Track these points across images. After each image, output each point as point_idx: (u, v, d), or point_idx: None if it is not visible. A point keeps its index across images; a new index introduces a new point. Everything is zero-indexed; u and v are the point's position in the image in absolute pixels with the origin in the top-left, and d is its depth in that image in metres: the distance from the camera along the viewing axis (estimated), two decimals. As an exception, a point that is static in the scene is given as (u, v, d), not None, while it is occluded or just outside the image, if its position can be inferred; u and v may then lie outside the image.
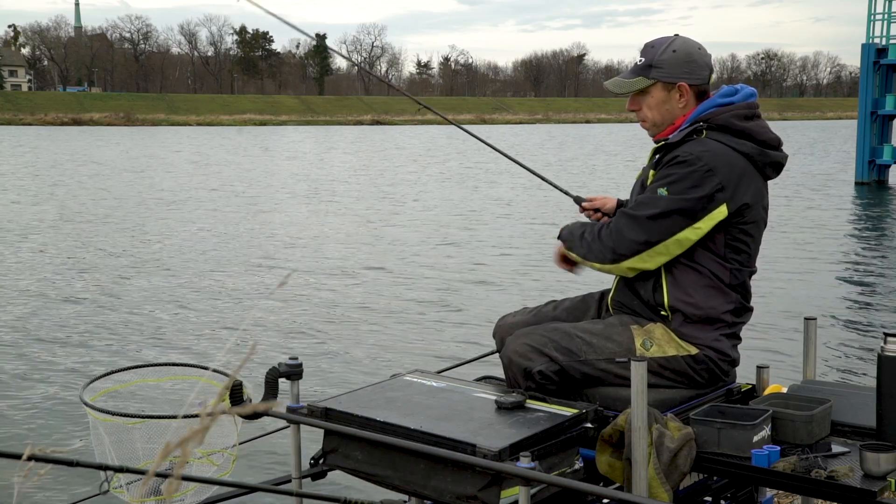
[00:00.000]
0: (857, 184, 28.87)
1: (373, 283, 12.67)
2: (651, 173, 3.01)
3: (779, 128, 3.10)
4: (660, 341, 2.96)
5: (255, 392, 3.12)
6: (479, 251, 15.46)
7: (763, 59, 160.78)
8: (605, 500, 2.86)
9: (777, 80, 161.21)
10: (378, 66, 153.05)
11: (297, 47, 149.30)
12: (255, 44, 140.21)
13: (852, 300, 12.03)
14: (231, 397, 2.90)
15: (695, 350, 2.96)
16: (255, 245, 16.12)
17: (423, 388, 3.11)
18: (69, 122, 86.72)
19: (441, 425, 2.72)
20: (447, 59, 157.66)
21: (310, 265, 14.09)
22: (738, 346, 3.08)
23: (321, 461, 2.93)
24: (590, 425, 2.82)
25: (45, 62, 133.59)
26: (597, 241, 3.01)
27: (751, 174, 2.95)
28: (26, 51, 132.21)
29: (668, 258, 2.94)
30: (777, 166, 3.03)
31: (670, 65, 3.00)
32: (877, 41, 29.72)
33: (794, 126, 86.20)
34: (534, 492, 2.64)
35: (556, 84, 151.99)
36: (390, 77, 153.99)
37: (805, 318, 3.36)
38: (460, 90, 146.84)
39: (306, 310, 11.01)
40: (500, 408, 2.84)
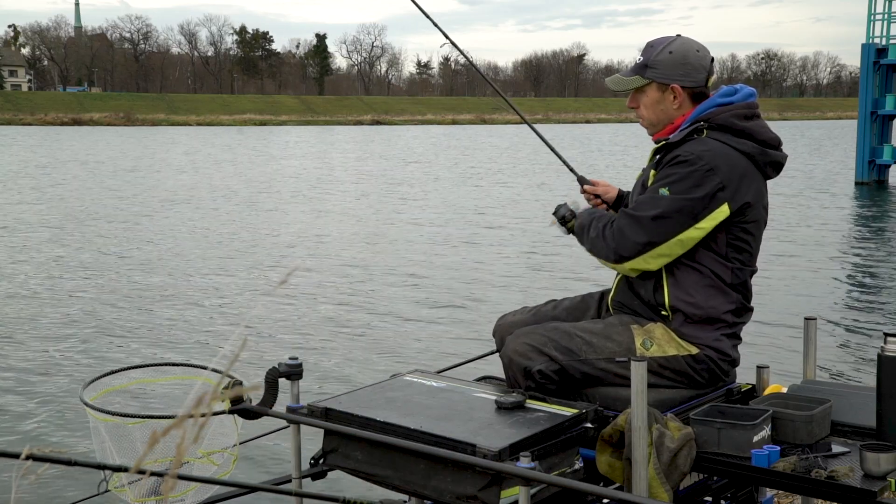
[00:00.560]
0: (857, 184, 28.87)
1: (373, 283, 12.67)
2: (652, 173, 3.01)
3: (779, 128, 3.10)
4: (660, 341, 2.96)
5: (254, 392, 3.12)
6: (479, 251, 15.45)
7: (763, 59, 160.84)
8: (605, 500, 2.86)
9: (777, 80, 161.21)
10: (378, 66, 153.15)
11: (297, 47, 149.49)
12: (255, 44, 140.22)
13: (852, 300, 12.03)
14: (231, 398, 2.90)
15: (695, 350, 2.96)
16: (255, 244, 16.12)
17: (423, 388, 3.11)
18: (69, 122, 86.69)
19: (441, 425, 2.72)
20: (447, 59, 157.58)
21: (310, 265, 14.09)
22: (739, 346, 3.08)
23: (321, 461, 2.92)
24: (590, 425, 2.82)
25: (45, 62, 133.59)
26: (600, 238, 3.01)
27: (752, 173, 2.95)
28: (26, 51, 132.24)
29: (671, 258, 2.94)
30: (777, 166, 3.04)
31: (665, 66, 3.01)
32: (877, 41, 29.72)
33: (794, 126, 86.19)
34: (534, 492, 2.64)
35: (556, 84, 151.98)
36: (390, 77, 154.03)
37: (805, 318, 3.36)
38: (460, 90, 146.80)
39: (307, 309, 11.01)
40: (500, 408, 2.84)
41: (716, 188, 2.86)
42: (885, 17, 29.76)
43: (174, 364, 3.38)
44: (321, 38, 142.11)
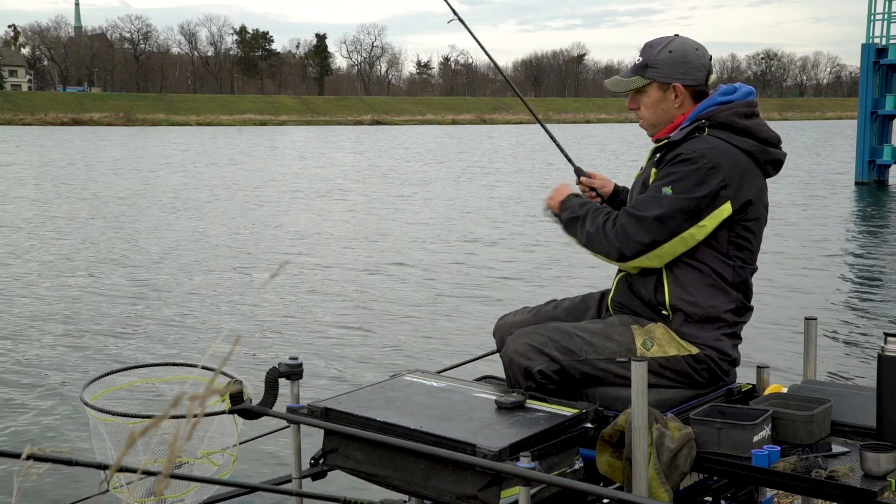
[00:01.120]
0: (857, 184, 28.87)
1: (373, 283, 12.67)
2: (653, 171, 3.00)
3: (779, 128, 3.10)
4: (660, 341, 2.96)
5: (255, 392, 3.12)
6: (480, 251, 15.45)
7: (763, 59, 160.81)
8: (605, 500, 2.86)
9: (777, 80, 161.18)
10: (378, 66, 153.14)
11: (297, 47, 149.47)
12: (255, 44, 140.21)
13: (852, 300, 12.03)
14: (231, 398, 2.90)
15: (695, 350, 2.96)
16: (256, 244, 16.11)
17: (423, 388, 3.11)
18: (69, 122, 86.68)
19: (441, 425, 2.72)
20: (447, 59, 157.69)
21: (310, 264, 14.09)
22: (739, 346, 3.08)
23: (321, 461, 2.92)
24: (590, 425, 2.81)
25: (45, 62, 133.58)
26: (600, 234, 2.98)
27: (753, 171, 2.95)
28: (26, 51, 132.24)
29: (673, 256, 2.94)
30: (777, 164, 3.04)
31: (665, 65, 3.01)
32: (877, 41, 29.72)
33: (794, 126, 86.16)
34: (534, 492, 2.64)
35: (556, 84, 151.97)
36: (390, 77, 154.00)
37: (805, 318, 3.36)
38: (460, 90, 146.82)
39: (307, 309, 11.01)
40: (500, 408, 2.84)
41: (718, 186, 2.86)
42: (885, 17, 29.76)
43: (174, 364, 3.38)
44: (321, 38, 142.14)
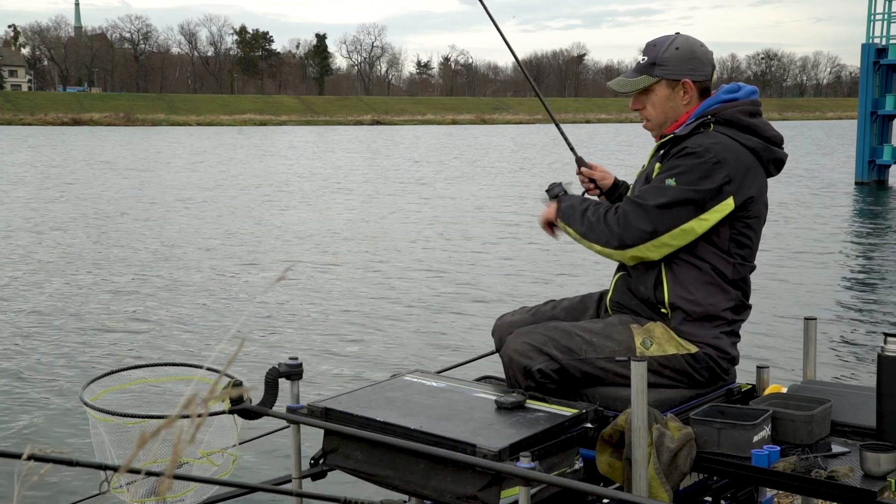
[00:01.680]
0: (857, 184, 28.88)
1: (373, 283, 12.67)
2: (657, 166, 3.01)
3: (779, 128, 3.10)
4: (660, 340, 2.96)
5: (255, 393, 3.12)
6: (479, 250, 15.46)
7: (763, 59, 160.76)
8: (605, 500, 2.86)
9: (777, 80, 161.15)
10: (378, 66, 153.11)
11: (297, 47, 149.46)
12: (255, 44, 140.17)
13: (852, 300, 12.04)
14: (231, 398, 2.90)
15: (694, 349, 2.96)
16: (256, 244, 16.12)
17: (423, 388, 3.11)
18: (69, 122, 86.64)
19: (441, 425, 2.72)
20: (447, 59, 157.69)
21: (310, 264, 14.09)
22: (738, 345, 3.09)
23: (321, 461, 2.92)
24: (590, 425, 2.81)
25: (45, 62, 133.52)
26: (601, 223, 2.98)
27: (756, 169, 2.96)
28: (26, 51, 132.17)
29: (673, 249, 2.93)
30: (779, 163, 3.06)
31: (674, 62, 3.02)
32: (877, 41, 29.72)
33: (794, 126, 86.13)
34: (534, 492, 2.64)
35: (557, 84, 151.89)
36: (390, 77, 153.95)
37: (805, 318, 3.36)
38: (460, 90, 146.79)
39: (307, 309, 11.01)
40: (500, 408, 2.84)
41: (723, 181, 2.87)
42: (885, 17, 29.77)
43: (175, 364, 3.38)
44: (321, 38, 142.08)
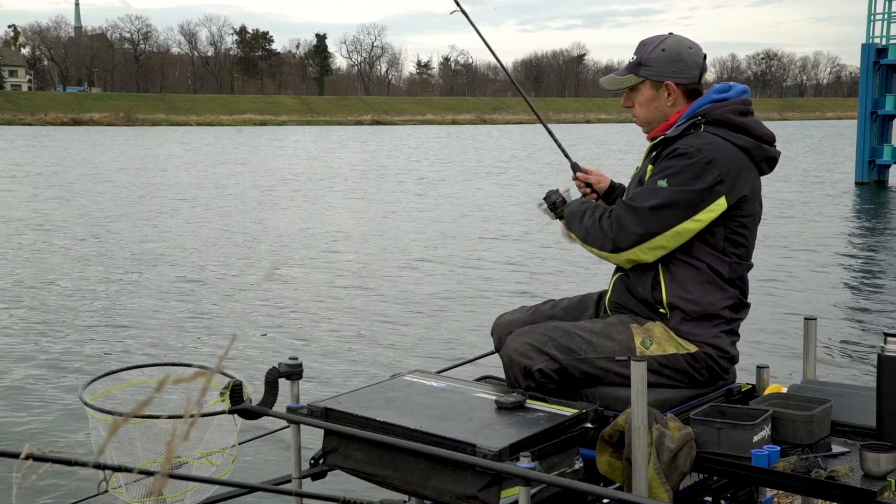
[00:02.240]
0: (857, 184, 28.88)
1: (373, 283, 12.67)
2: (650, 168, 3.02)
3: (779, 128, 3.11)
4: (659, 339, 2.97)
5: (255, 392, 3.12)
6: (479, 251, 15.45)
7: (763, 59, 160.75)
8: (605, 500, 2.86)
9: (777, 80, 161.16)
10: (378, 66, 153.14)
11: (297, 47, 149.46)
12: (255, 44, 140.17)
13: (852, 300, 12.04)
14: (231, 397, 2.90)
15: (694, 348, 2.96)
16: (257, 243, 16.12)
17: (423, 388, 3.11)
18: (69, 122, 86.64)
19: (441, 425, 2.72)
20: (447, 59, 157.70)
21: (310, 265, 14.09)
22: (738, 344, 3.09)
23: (321, 461, 2.92)
24: (590, 425, 2.81)
25: (45, 62, 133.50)
26: (596, 227, 3.01)
27: (748, 168, 2.97)
28: (26, 51, 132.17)
29: (667, 251, 2.95)
30: (772, 161, 3.07)
31: (658, 63, 3.03)
32: (877, 41, 29.72)
33: (794, 126, 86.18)
34: (534, 492, 2.64)
35: (556, 84, 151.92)
36: (390, 77, 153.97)
37: (805, 318, 3.36)
38: (460, 90, 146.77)
39: (306, 309, 11.01)
40: (500, 408, 2.84)
41: (714, 181, 2.88)
42: (885, 17, 29.77)
43: (175, 364, 3.38)
44: (321, 38, 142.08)
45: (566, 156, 3.56)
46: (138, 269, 13.66)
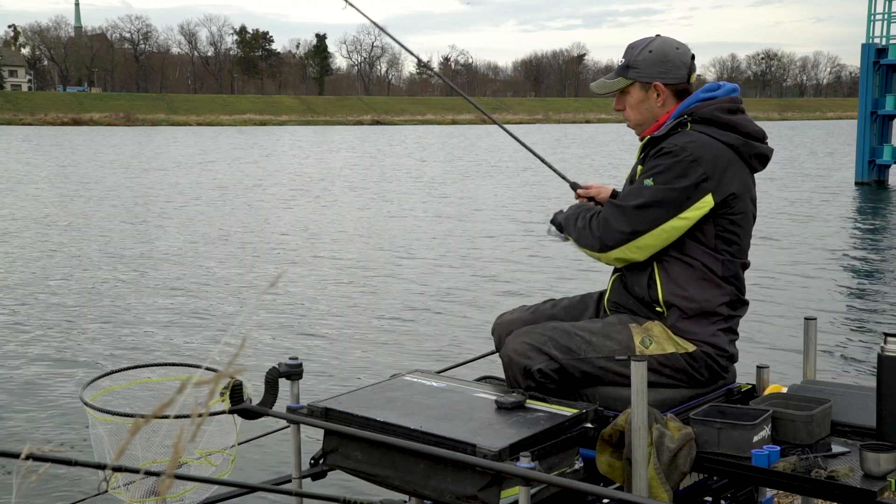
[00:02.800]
0: (857, 184, 28.88)
1: (373, 283, 12.67)
2: (639, 168, 3.05)
3: (779, 128, 3.12)
4: (659, 339, 2.97)
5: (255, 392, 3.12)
6: (479, 250, 15.46)
7: (763, 59, 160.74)
8: (605, 500, 2.86)
9: (777, 80, 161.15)
10: (378, 66, 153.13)
11: (297, 47, 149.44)
12: (255, 44, 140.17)
13: (852, 300, 12.04)
14: (231, 397, 2.90)
15: (692, 347, 2.97)
16: (258, 243, 16.11)
17: (423, 388, 3.11)
18: (69, 122, 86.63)
19: (441, 425, 2.72)
20: (447, 59, 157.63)
21: (310, 264, 14.09)
22: (737, 343, 3.09)
23: (321, 461, 2.92)
24: (590, 425, 2.82)
25: (45, 62, 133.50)
26: (586, 228, 3.05)
27: (736, 165, 2.98)
28: (26, 51, 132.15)
29: (656, 249, 2.96)
30: (763, 158, 3.07)
31: (646, 65, 3.06)
32: (877, 41, 29.72)
33: (794, 126, 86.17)
34: (534, 492, 2.64)
35: (556, 84, 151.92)
36: (390, 77, 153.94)
37: (805, 318, 3.36)
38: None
39: (307, 309, 11.01)
40: (500, 408, 2.84)
41: (699, 178, 2.89)
42: (885, 17, 29.76)
43: (175, 364, 3.38)
44: (321, 38, 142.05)
45: (563, 178, 3.59)
46: (139, 269, 13.66)
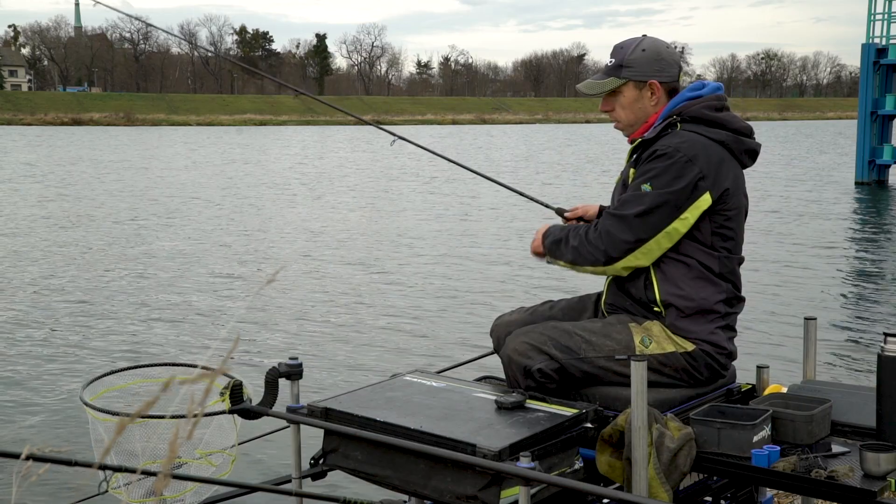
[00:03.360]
0: (857, 184, 28.87)
1: (373, 283, 12.67)
2: (631, 172, 3.04)
3: (779, 128, 3.12)
4: (658, 338, 2.97)
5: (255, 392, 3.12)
6: (478, 251, 15.45)
7: (763, 59, 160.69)
8: (605, 500, 2.86)
9: (777, 80, 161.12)
10: (378, 66, 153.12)
11: (297, 47, 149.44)
12: (255, 44, 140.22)
13: (852, 300, 12.03)
14: (231, 397, 2.90)
15: (691, 346, 2.97)
16: (258, 243, 16.11)
17: (423, 388, 3.11)
18: (69, 122, 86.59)
19: (441, 425, 2.72)
20: (447, 58, 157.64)
21: (310, 264, 14.09)
22: (736, 342, 3.09)
23: (321, 461, 2.92)
24: (590, 425, 2.82)
25: (45, 62, 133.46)
26: (585, 244, 3.01)
27: (728, 161, 2.99)
28: (26, 51, 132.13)
29: (661, 252, 2.96)
30: (752, 153, 3.09)
31: (640, 63, 3.05)
32: (877, 41, 29.71)
33: (794, 126, 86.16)
34: (534, 492, 2.64)
35: (556, 84, 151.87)
36: (390, 77, 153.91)
37: (805, 318, 3.36)
38: (460, 90, 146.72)
39: (306, 309, 11.01)
40: (500, 408, 2.84)
41: (696, 178, 2.90)
42: (885, 17, 29.76)
43: (175, 364, 3.38)
44: (321, 38, 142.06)
45: (546, 206, 3.60)
46: (138, 269, 13.66)
